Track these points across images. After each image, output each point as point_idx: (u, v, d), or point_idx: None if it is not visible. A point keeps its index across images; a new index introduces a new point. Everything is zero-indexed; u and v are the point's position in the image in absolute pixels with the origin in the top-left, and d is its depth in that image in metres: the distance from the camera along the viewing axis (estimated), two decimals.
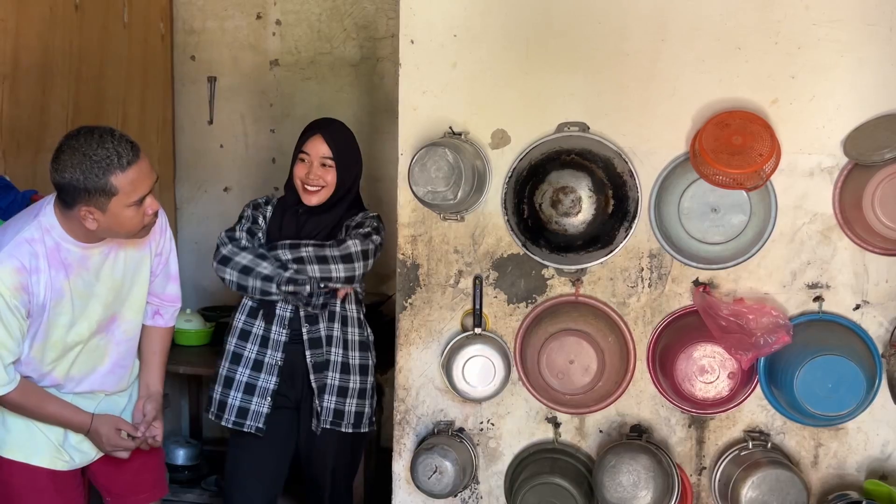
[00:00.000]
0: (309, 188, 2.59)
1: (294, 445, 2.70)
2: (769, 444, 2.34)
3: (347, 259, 2.54)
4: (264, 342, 2.61)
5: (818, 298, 2.32)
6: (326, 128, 2.63)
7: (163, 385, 2.48)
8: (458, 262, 2.46)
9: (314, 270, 2.53)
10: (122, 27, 3.63)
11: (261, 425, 2.60)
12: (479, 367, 2.38)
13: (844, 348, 2.19)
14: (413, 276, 2.49)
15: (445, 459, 2.33)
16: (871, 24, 2.22)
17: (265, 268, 2.53)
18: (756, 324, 2.21)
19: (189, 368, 3.51)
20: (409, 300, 2.50)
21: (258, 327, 2.63)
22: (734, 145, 2.16)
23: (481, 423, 2.50)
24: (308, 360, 2.60)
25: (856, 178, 2.23)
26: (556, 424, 2.46)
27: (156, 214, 2.15)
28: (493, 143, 2.41)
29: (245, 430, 2.60)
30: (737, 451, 2.35)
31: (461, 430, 2.50)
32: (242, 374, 2.62)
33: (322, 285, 2.55)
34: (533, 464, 2.41)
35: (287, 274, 2.53)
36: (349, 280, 2.57)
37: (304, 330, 2.59)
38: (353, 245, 2.55)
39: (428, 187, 2.24)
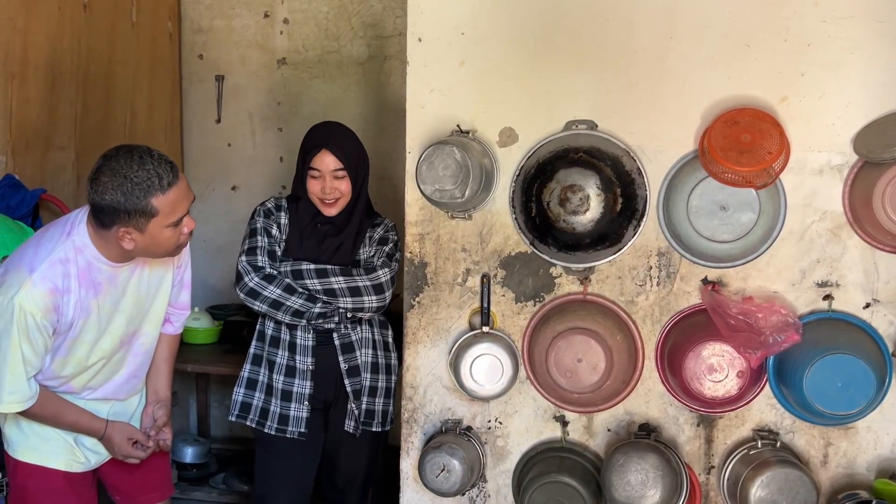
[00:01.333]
0: (327, 201, 2.57)
1: (321, 448, 2.72)
2: (778, 444, 2.33)
3: (379, 289, 2.56)
4: (292, 347, 2.62)
5: (828, 297, 2.31)
6: (329, 140, 2.57)
7: (171, 390, 2.50)
8: (465, 261, 2.46)
9: (346, 302, 2.55)
10: (131, 26, 3.64)
11: (303, 429, 2.63)
12: (487, 366, 2.37)
13: (854, 347, 2.18)
14: (421, 274, 2.49)
15: (453, 458, 2.33)
16: (881, 21, 2.21)
17: (295, 302, 2.54)
18: (765, 322, 2.21)
19: (197, 367, 3.51)
20: (417, 299, 2.50)
21: (285, 332, 2.64)
22: (743, 143, 2.15)
23: (489, 421, 2.50)
24: (342, 366, 2.63)
25: (866, 176, 2.22)
26: (564, 423, 2.46)
27: (191, 233, 2.14)
28: (500, 142, 2.41)
29: (288, 436, 2.62)
30: (746, 451, 2.34)
31: (469, 428, 2.50)
32: (278, 380, 2.63)
33: (350, 315, 2.59)
34: (541, 462, 2.41)
35: (317, 309, 2.56)
36: (380, 310, 2.61)
37: (335, 335, 2.62)
38: (384, 274, 2.57)
39: (436, 185, 2.23)
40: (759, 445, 2.32)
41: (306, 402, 2.61)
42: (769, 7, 2.25)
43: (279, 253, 2.61)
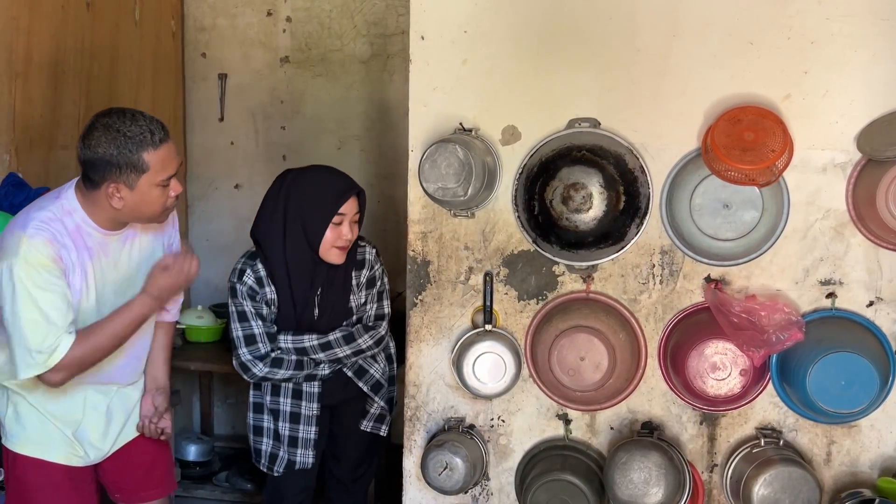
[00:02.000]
0: (342, 247, 2.50)
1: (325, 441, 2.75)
2: (781, 442, 2.32)
3: (379, 341, 2.64)
4: (297, 394, 2.63)
5: (831, 295, 2.30)
6: (356, 187, 2.53)
7: (169, 378, 2.49)
8: (468, 259, 2.46)
9: (350, 359, 2.62)
10: (134, 25, 3.64)
11: (309, 467, 2.67)
12: (490, 364, 2.37)
13: (857, 345, 2.18)
14: (423, 272, 2.49)
15: (456, 456, 2.33)
16: (884, 19, 2.20)
17: (304, 372, 2.58)
18: (768, 320, 2.20)
19: (200, 365, 3.52)
20: (420, 297, 2.50)
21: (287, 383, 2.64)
22: (746, 141, 2.15)
23: (492, 419, 2.50)
24: (364, 388, 2.69)
25: (869, 174, 2.21)
26: (567, 421, 2.46)
27: (177, 198, 2.16)
28: (503, 140, 2.41)
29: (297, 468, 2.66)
30: (749, 449, 2.34)
31: (472, 426, 2.50)
32: (283, 427, 2.63)
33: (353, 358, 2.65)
34: (543, 461, 2.41)
35: (326, 370, 2.61)
36: (377, 345, 2.65)
37: (344, 369, 2.66)
38: (383, 328, 2.64)
39: (438, 184, 2.23)
40: (762, 444, 2.32)
41: (312, 448, 2.63)
42: (772, 5, 2.24)
43: (274, 329, 2.57)
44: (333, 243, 2.48)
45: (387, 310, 2.68)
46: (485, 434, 2.50)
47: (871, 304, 2.30)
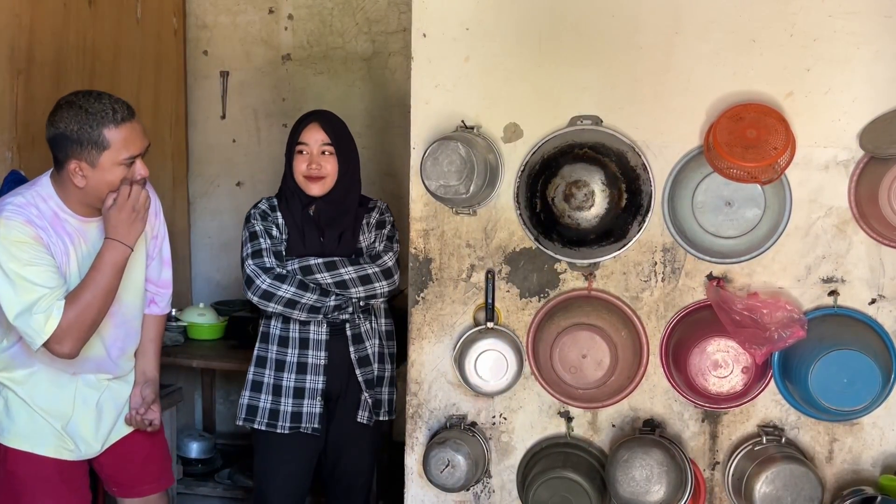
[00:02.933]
0: (312, 177, 2.59)
1: (324, 442, 2.73)
2: (783, 439, 2.32)
3: (387, 274, 2.62)
4: (304, 343, 2.63)
5: (833, 293, 2.30)
6: (321, 116, 2.63)
7: (158, 371, 2.49)
8: (470, 257, 2.46)
9: (358, 291, 2.59)
10: (136, 22, 3.64)
11: (316, 425, 2.63)
12: (492, 362, 2.37)
13: (860, 343, 2.18)
14: (425, 270, 2.49)
15: (458, 453, 2.33)
16: (888, 16, 2.20)
17: (310, 298, 2.56)
18: (770, 318, 2.20)
19: (202, 362, 3.52)
20: (422, 294, 2.50)
21: (294, 331, 2.63)
22: (748, 139, 2.14)
23: (493, 417, 2.50)
24: (352, 356, 2.66)
25: (872, 172, 2.21)
26: (569, 419, 2.46)
27: (144, 182, 2.15)
28: (505, 137, 2.41)
29: (301, 432, 2.63)
30: (750, 446, 2.33)
31: (473, 424, 2.50)
32: (289, 379, 2.63)
33: (363, 303, 2.61)
34: (545, 458, 2.41)
35: (332, 302, 2.59)
36: (390, 293, 2.65)
37: (347, 326, 2.64)
38: (389, 259, 2.63)
39: (440, 181, 2.23)
40: (764, 441, 2.31)
41: (319, 398, 2.62)
42: (775, 2, 2.24)
43: (283, 252, 2.61)
44: (303, 173, 2.59)
45: (395, 254, 2.67)
46: (487, 431, 2.50)
47: (873, 301, 2.29)
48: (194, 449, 3.73)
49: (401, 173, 3.25)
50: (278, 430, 2.63)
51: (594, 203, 2.34)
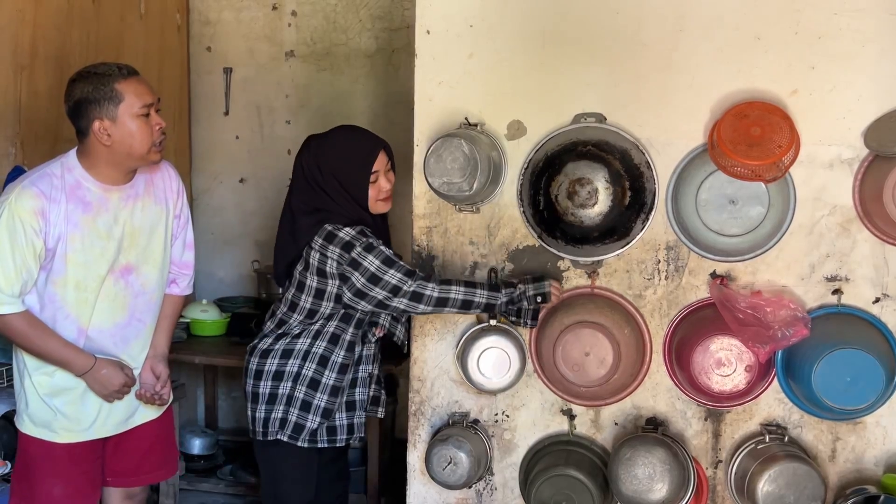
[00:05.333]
0: (384, 200, 2.41)
1: None
2: (786, 438, 2.32)
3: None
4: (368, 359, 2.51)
5: (837, 291, 2.30)
6: (381, 142, 2.43)
7: (169, 348, 2.51)
8: (473, 254, 2.46)
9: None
10: (139, 18, 3.64)
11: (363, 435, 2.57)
12: (494, 359, 2.37)
13: (863, 342, 2.18)
14: (428, 267, 2.49)
15: (460, 451, 2.33)
16: (893, 14, 2.19)
17: (458, 292, 2.34)
18: (774, 316, 2.20)
19: (205, 359, 3.52)
20: None
21: (361, 348, 2.49)
22: (753, 136, 2.14)
23: (496, 414, 2.50)
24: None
25: (876, 170, 2.21)
26: (572, 416, 2.46)
27: (163, 133, 2.28)
28: (508, 135, 2.40)
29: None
30: (753, 445, 2.33)
31: (476, 421, 2.50)
32: (362, 393, 2.52)
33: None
34: (548, 456, 2.41)
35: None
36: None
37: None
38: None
39: (443, 178, 2.23)
40: (767, 440, 2.31)
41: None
42: None
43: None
44: (377, 198, 2.40)
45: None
46: (489, 429, 2.50)
47: (877, 300, 2.29)
48: (196, 445, 3.73)
49: (404, 170, 3.24)
50: (346, 444, 2.51)
51: (597, 201, 2.34)
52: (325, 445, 2.45)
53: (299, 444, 2.40)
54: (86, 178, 2.25)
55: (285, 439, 2.40)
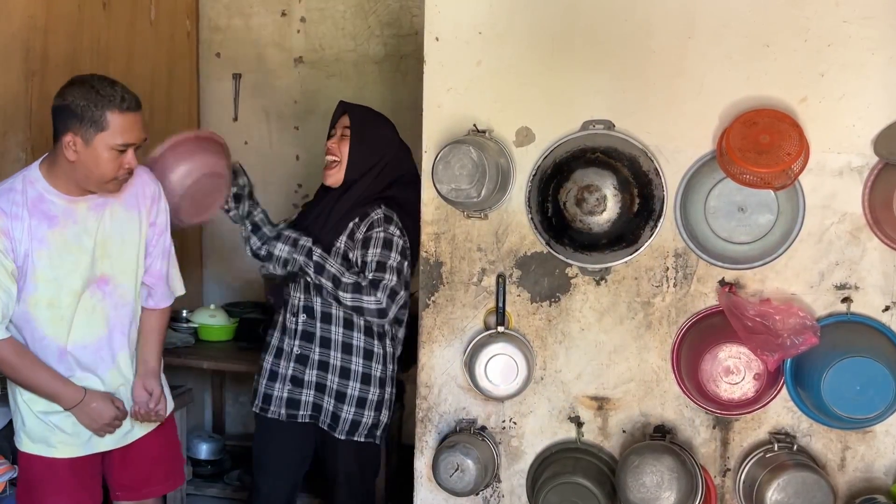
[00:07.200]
0: (327, 159, 2.60)
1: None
2: (795, 447, 2.31)
3: (356, 308, 2.55)
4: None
5: (846, 299, 2.29)
6: (355, 105, 2.64)
7: (160, 363, 2.45)
8: (481, 260, 2.46)
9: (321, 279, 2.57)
10: (149, 25, 3.66)
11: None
12: (502, 366, 2.37)
13: (873, 350, 2.16)
14: (436, 273, 2.49)
15: (467, 458, 2.33)
16: None
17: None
18: (783, 325, 2.19)
19: (213, 364, 3.53)
20: (432, 298, 2.50)
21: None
22: (762, 144, 2.14)
23: (503, 421, 2.50)
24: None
25: (886, 178, 2.20)
26: (579, 424, 2.45)
27: (130, 172, 2.20)
28: (517, 141, 2.40)
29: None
30: (762, 453, 2.32)
31: (483, 428, 2.50)
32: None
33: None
34: (555, 463, 2.40)
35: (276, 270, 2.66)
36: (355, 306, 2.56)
37: None
38: (374, 297, 2.51)
39: (452, 185, 2.23)
40: (776, 448, 2.30)
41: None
42: (789, 7, 2.23)
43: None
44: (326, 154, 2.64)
45: (389, 281, 2.49)
46: (496, 436, 2.50)
47: (886, 308, 2.28)
48: (204, 450, 3.73)
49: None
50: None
51: (606, 208, 2.34)
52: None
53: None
54: (49, 191, 2.18)
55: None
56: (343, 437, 2.60)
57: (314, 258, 2.50)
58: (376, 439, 2.66)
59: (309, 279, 2.53)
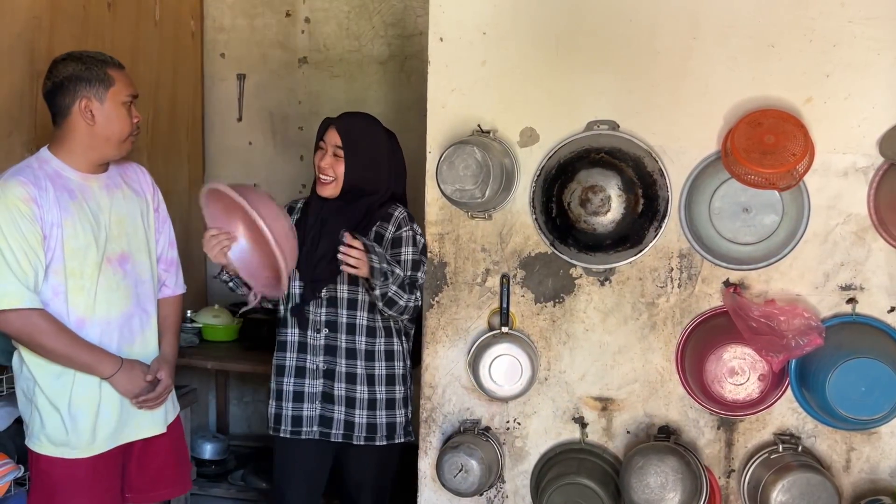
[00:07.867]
0: (322, 178, 2.54)
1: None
2: (800, 448, 2.30)
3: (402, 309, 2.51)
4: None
5: (851, 300, 2.28)
6: (341, 119, 2.54)
7: (175, 355, 2.48)
8: (485, 261, 2.46)
9: (387, 289, 2.47)
10: (154, 25, 3.66)
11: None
12: (506, 366, 2.37)
13: (878, 351, 2.16)
14: (440, 274, 2.49)
15: (471, 458, 2.33)
16: None
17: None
18: (787, 325, 2.19)
19: (216, 364, 3.53)
20: (436, 298, 2.50)
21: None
22: (766, 144, 2.13)
23: (507, 422, 2.50)
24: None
25: (892, 179, 2.19)
26: (583, 425, 2.45)
27: (138, 127, 2.31)
28: (521, 142, 2.40)
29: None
30: (767, 454, 2.32)
31: (487, 428, 2.50)
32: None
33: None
34: (559, 464, 2.40)
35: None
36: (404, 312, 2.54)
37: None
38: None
39: (456, 185, 2.23)
40: (781, 449, 2.30)
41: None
42: (794, 7, 2.23)
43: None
44: (318, 168, 2.55)
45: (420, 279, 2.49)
46: (500, 436, 2.50)
47: (892, 309, 2.27)
48: (208, 450, 3.74)
49: (416, 177, 3.24)
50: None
51: (610, 208, 2.34)
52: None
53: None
54: (63, 168, 2.24)
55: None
56: (384, 443, 2.55)
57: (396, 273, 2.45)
58: (412, 436, 2.61)
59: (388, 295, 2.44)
